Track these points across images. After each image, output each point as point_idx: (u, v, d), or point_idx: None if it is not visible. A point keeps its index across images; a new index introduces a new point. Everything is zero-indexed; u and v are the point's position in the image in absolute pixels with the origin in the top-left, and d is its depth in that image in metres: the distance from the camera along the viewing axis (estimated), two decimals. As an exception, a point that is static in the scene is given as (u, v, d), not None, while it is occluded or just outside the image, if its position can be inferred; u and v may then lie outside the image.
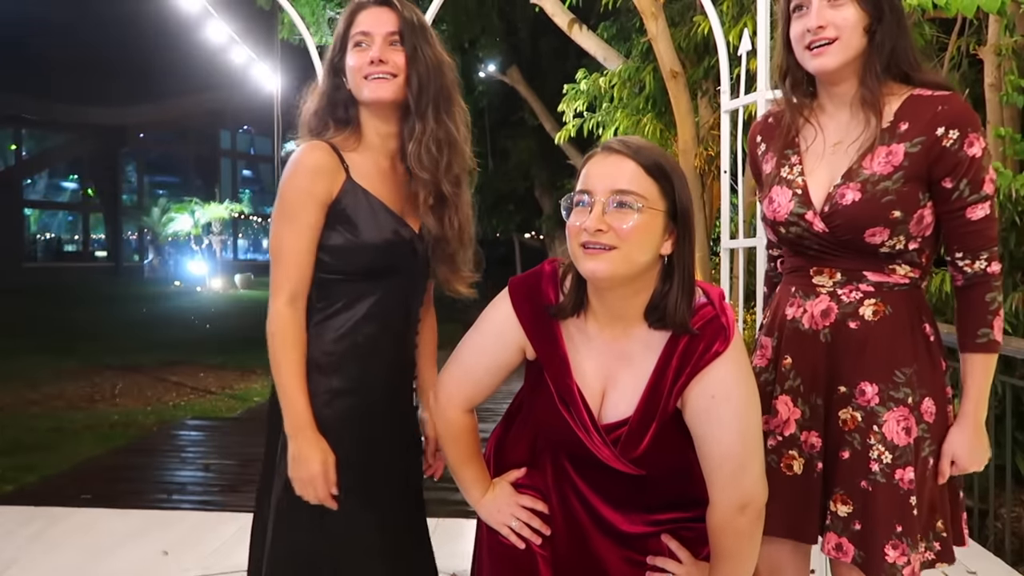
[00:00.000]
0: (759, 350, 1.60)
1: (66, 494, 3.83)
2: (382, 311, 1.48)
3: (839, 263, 1.47)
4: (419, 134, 1.47)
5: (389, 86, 1.45)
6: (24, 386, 7.73)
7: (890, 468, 1.41)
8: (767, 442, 1.51)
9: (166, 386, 7.93)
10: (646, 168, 1.18)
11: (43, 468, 4.57)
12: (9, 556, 3.01)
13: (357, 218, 1.44)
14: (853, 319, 1.45)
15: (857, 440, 1.44)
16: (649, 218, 1.17)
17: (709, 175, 5.69)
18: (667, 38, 5.21)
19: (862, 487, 1.42)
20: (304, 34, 3.02)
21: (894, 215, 1.40)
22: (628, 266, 1.18)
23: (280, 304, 1.42)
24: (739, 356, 1.22)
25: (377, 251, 1.45)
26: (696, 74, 5.92)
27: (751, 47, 2.58)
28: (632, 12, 6.08)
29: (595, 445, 1.25)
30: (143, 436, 5.55)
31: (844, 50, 1.42)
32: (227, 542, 3.14)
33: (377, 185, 1.48)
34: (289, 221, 1.42)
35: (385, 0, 1.49)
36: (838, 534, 1.44)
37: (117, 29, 28.48)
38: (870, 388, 1.44)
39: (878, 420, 1.42)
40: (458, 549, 3.25)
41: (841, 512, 1.44)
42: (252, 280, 24.30)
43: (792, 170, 1.51)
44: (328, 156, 1.44)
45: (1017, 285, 4.05)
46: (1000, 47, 3.84)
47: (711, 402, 1.20)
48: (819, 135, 1.50)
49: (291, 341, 1.42)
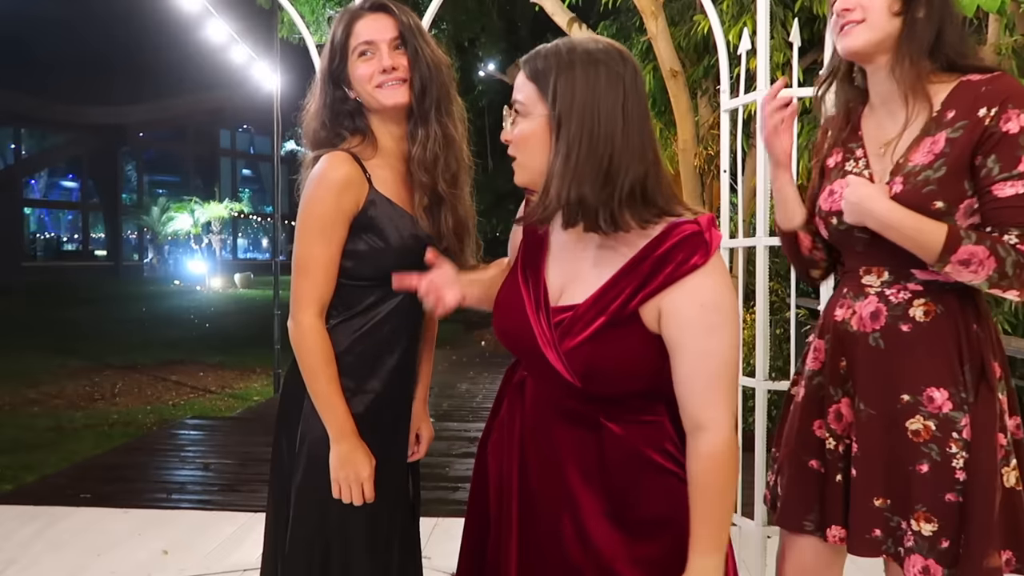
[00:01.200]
0: (812, 352, 1.55)
1: (66, 493, 3.84)
2: (399, 313, 1.52)
3: (887, 260, 1.41)
4: (423, 138, 1.50)
5: (404, 91, 1.49)
6: (24, 385, 7.73)
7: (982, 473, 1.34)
8: (827, 444, 1.48)
9: (166, 385, 7.94)
10: (527, 72, 1.17)
11: (43, 467, 4.58)
12: (9, 556, 3.01)
13: (382, 226, 1.47)
14: (904, 321, 1.39)
15: (935, 451, 1.35)
16: (528, 123, 1.16)
17: (709, 174, 5.68)
18: (667, 37, 5.21)
19: (948, 500, 1.34)
20: (304, 33, 3.02)
21: (936, 206, 1.34)
22: (526, 173, 1.20)
23: (310, 317, 1.46)
24: (723, 271, 1.15)
25: (399, 255, 1.47)
26: (696, 73, 5.92)
27: (751, 46, 2.58)
28: (632, 11, 6.08)
29: (540, 325, 1.19)
30: (143, 435, 5.56)
31: (870, 30, 1.38)
32: (226, 541, 3.14)
33: (395, 190, 1.51)
34: (321, 235, 1.45)
35: (382, 6, 1.51)
36: (924, 556, 1.35)
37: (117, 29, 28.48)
38: (939, 394, 1.36)
39: (956, 427, 1.35)
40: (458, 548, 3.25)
41: (926, 531, 1.35)
42: (252, 279, 24.30)
43: (858, 163, 1.48)
44: (354, 169, 1.45)
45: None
46: (1000, 47, 3.84)
47: (701, 311, 1.11)
48: (877, 129, 1.47)
49: (325, 353, 1.46)
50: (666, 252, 1.13)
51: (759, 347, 2.52)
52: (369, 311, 1.50)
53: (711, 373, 1.13)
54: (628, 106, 1.12)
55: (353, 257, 1.47)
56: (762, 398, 2.53)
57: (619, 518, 1.19)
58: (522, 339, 1.22)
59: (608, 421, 1.19)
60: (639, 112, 1.14)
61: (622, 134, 1.12)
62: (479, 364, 9.07)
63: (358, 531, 1.49)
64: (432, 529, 3.26)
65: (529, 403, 1.26)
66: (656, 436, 1.19)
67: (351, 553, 1.49)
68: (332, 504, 1.47)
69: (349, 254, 1.47)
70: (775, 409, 4.66)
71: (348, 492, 1.44)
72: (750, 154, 4.93)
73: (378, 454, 1.50)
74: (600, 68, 1.12)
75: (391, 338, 1.52)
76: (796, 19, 2.97)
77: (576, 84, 1.12)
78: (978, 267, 1.30)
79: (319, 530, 1.49)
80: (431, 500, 3.67)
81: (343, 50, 1.50)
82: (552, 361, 1.17)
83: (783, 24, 4.94)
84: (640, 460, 1.19)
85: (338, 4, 10.03)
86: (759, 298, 2.54)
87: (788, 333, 3.47)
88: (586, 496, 1.20)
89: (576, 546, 1.20)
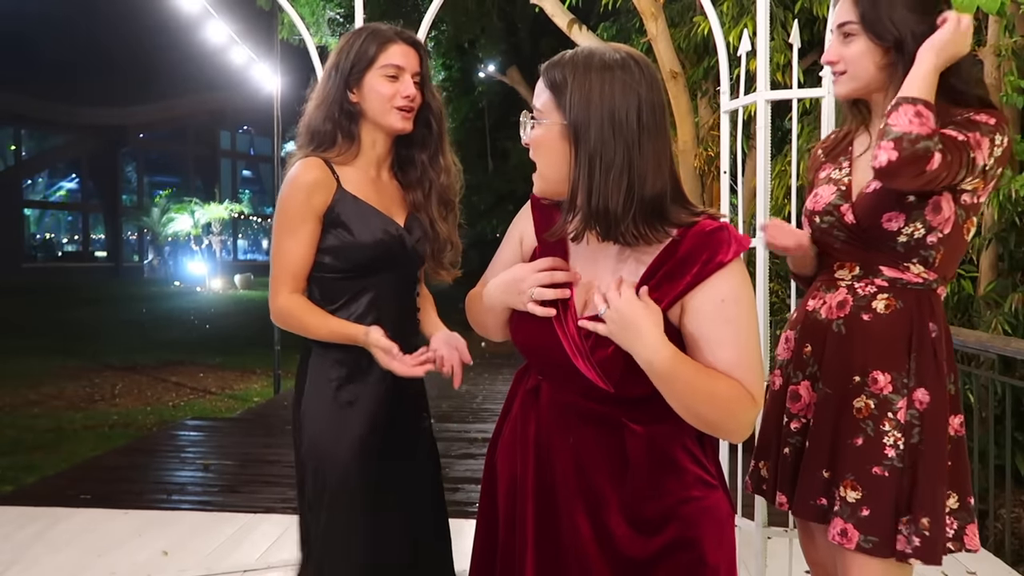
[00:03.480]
0: (784, 344, 1.72)
1: (66, 494, 3.83)
2: (379, 304, 1.66)
3: (859, 257, 1.57)
4: (446, 166, 1.75)
5: (411, 120, 1.67)
6: (24, 386, 7.73)
7: (906, 451, 1.48)
8: (791, 425, 1.64)
9: (166, 386, 7.94)
10: (545, 79, 1.17)
11: (43, 468, 4.58)
12: (9, 556, 3.01)
13: (351, 221, 1.62)
14: (866, 311, 1.54)
15: (871, 427, 1.51)
16: (544, 131, 1.16)
17: (709, 175, 5.69)
18: (667, 38, 5.22)
19: (874, 473, 1.48)
20: (304, 34, 3.02)
21: (908, 199, 1.48)
22: (543, 182, 1.20)
23: (284, 296, 1.63)
24: (743, 268, 1.17)
25: (371, 248, 1.63)
26: (696, 74, 5.93)
27: (751, 48, 2.58)
28: (632, 12, 6.08)
29: (568, 335, 1.18)
30: (143, 436, 5.56)
31: (852, 80, 1.57)
32: (226, 542, 3.14)
33: (366, 191, 1.66)
34: (291, 231, 1.62)
35: (416, 43, 1.69)
36: (844, 519, 1.50)
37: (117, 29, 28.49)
38: (883, 377, 1.52)
39: (892, 407, 1.50)
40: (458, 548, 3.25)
41: (850, 498, 1.50)
42: (252, 280, 24.31)
43: (841, 171, 1.64)
44: (322, 171, 1.63)
45: (1017, 285, 4.05)
46: (1000, 48, 3.84)
47: (722, 305, 1.13)
48: (870, 144, 1.61)
49: (305, 306, 1.63)
50: (689, 252, 1.14)
51: (760, 348, 2.52)
52: (351, 303, 1.64)
53: (727, 361, 1.14)
54: (643, 115, 1.12)
55: (329, 252, 1.63)
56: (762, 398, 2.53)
57: (639, 516, 1.20)
58: (550, 353, 1.22)
59: (629, 421, 1.20)
60: (655, 121, 1.13)
61: (638, 144, 1.11)
62: (479, 365, 9.07)
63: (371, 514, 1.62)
64: (432, 530, 3.25)
65: (545, 406, 1.27)
66: (676, 434, 1.21)
67: (379, 534, 1.62)
68: (346, 495, 1.60)
69: (325, 250, 1.63)
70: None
71: (397, 366, 1.54)
72: (750, 155, 4.94)
73: (378, 439, 1.62)
74: (615, 77, 1.12)
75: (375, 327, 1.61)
76: (796, 20, 2.97)
77: (591, 93, 1.11)
78: (917, 123, 1.39)
79: (342, 520, 1.61)
80: (431, 501, 3.67)
81: (369, 62, 1.64)
82: (585, 372, 1.18)
83: (783, 25, 4.95)
84: (663, 458, 1.21)
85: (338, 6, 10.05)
86: (759, 299, 2.54)
87: (788, 334, 3.46)
88: (608, 495, 1.21)
89: (594, 546, 1.21)
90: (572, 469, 1.23)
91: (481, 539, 1.37)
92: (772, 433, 1.69)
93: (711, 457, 1.26)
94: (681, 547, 1.19)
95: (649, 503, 1.21)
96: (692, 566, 1.18)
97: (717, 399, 1.12)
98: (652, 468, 1.21)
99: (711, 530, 1.21)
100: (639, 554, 1.20)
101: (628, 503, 1.21)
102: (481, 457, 1.47)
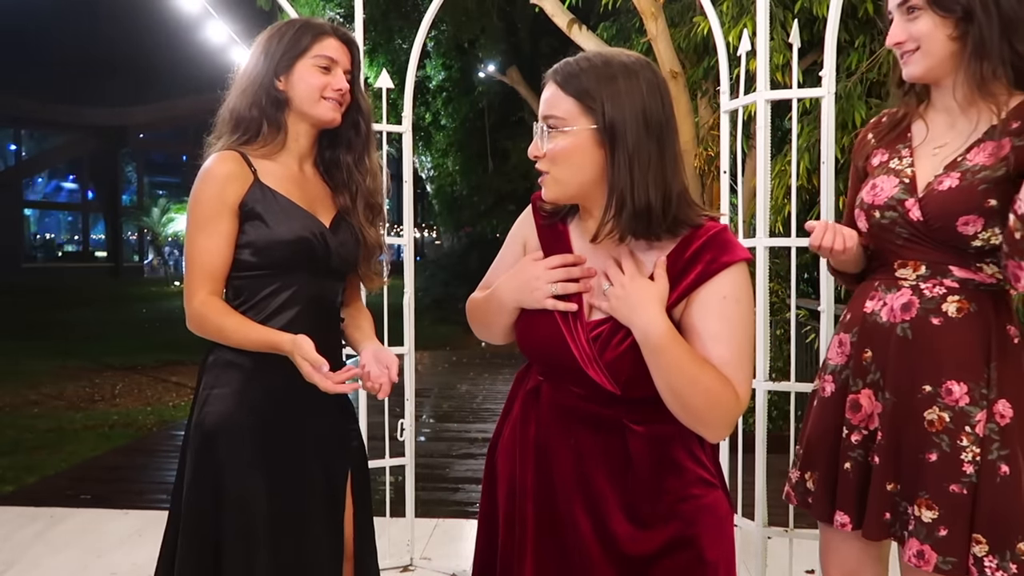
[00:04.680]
0: (838, 347, 1.59)
1: (66, 494, 3.84)
2: (296, 303, 1.56)
3: (926, 255, 1.45)
4: (372, 168, 1.69)
5: (339, 114, 1.62)
6: (24, 386, 7.73)
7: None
8: (851, 437, 1.51)
9: (166, 386, 7.93)
10: (563, 88, 1.18)
11: (43, 468, 4.57)
12: (9, 556, 3.01)
13: (267, 215, 1.54)
14: (936, 315, 1.42)
15: (946, 442, 1.39)
16: (571, 138, 1.17)
17: (709, 175, 5.68)
18: (667, 38, 5.21)
19: (952, 491, 1.38)
20: (304, 34, 3.02)
21: (990, 203, 1.37)
22: (560, 188, 1.20)
23: (197, 300, 1.52)
24: (747, 271, 1.21)
25: (289, 244, 1.55)
26: (696, 74, 5.92)
27: (750, 47, 2.58)
28: (632, 12, 6.08)
29: (576, 341, 1.20)
30: (143, 436, 5.55)
31: (926, 58, 1.43)
32: (227, 542, 3.14)
33: (287, 186, 1.59)
34: (202, 227, 1.53)
35: (351, 41, 1.66)
36: (920, 540, 1.39)
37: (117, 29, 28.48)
38: (958, 387, 1.40)
39: (970, 420, 1.38)
40: (458, 549, 3.26)
41: (926, 518, 1.39)
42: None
43: (902, 161, 1.51)
44: (236, 163, 1.55)
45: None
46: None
47: (723, 302, 1.17)
48: (929, 132, 1.51)
49: (222, 310, 1.51)
50: (695, 252, 1.18)
51: (759, 348, 2.52)
52: (264, 301, 1.55)
53: (720, 356, 1.16)
54: (667, 113, 1.18)
55: (246, 247, 1.54)
56: (762, 399, 2.53)
57: (639, 514, 1.21)
58: (558, 357, 1.23)
59: (631, 422, 1.22)
60: (673, 120, 1.20)
61: (669, 140, 1.17)
62: (479, 365, 9.06)
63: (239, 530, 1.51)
64: (432, 530, 3.26)
65: (545, 407, 1.28)
66: (677, 433, 1.22)
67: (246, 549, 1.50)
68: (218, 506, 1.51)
69: (243, 245, 1.54)
70: (775, 410, 4.66)
71: (319, 380, 1.41)
72: (750, 155, 4.93)
73: (282, 445, 1.53)
74: (640, 78, 1.17)
75: (291, 329, 1.51)
76: (796, 20, 2.97)
77: (623, 95, 1.16)
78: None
79: (208, 533, 1.51)
80: (431, 501, 3.67)
81: (302, 50, 1.59)
82: (593, 375, 1.19)
83: (783, 25, 4.94)
84: (664, 458, 1.22)
85: (338, 6, 10.05)
86: (759, 299, 2.54)
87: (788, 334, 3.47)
88: (608, 495, 1.22)
89: (595, 545, 1.22)
90: (572, 469, 1.24)
91: (482, 540, 1.37)
92: (823, 443, 1.57)
93: (711, 456, 1.27)
94: (681, 545, 1.21)
95: (650, 502, 1.22)
96: (692, 564, 1.20)
97: (701, 385, 1.13)
98: (653, 467, 1.22)
99: (710, 528, 1.23)
100: (639, 552, 1.21)
101: (629, 502, 1.22)
102: (481, 457, 1.47)
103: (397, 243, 2.94)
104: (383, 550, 1.96)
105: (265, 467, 1.52)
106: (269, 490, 1.51)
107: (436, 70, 13.54)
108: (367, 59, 9.75)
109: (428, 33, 2.89)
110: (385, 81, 2.78)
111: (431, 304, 14.49)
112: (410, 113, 2.87)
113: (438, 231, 25.33)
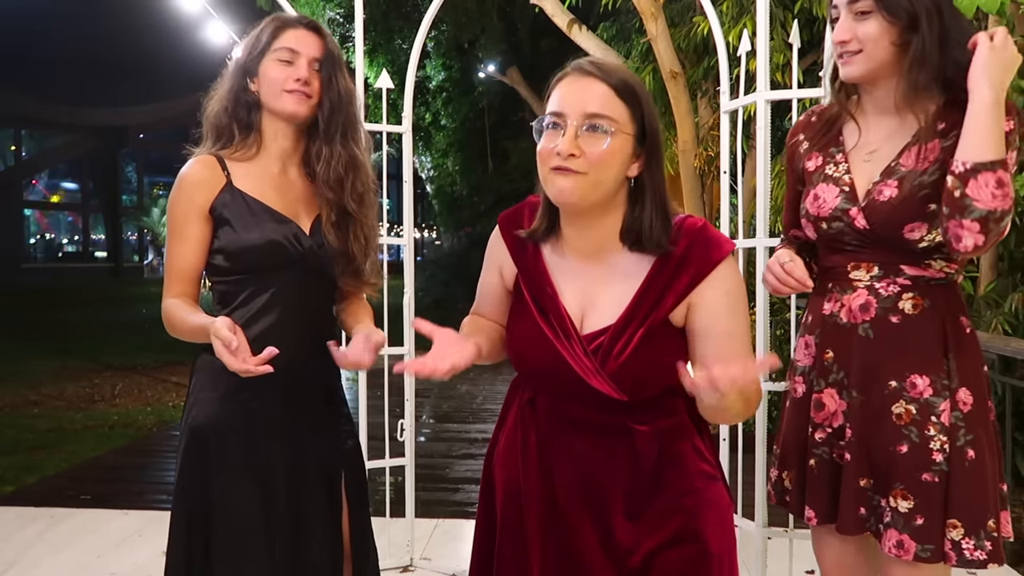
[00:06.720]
0: (804, 349, 1.63)
1: (66, 494, 3.84)
2: (275, 308, 1.54)
3: (877, 257, 1.50)
4: (327, 156, 1.59)
5: (306, 105, 1.57)
6: (24, 386, 7.72)
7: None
8: (815, 435, 1.56)
9: (166, 386, 7.93)
10: (617, 90, 1.17)
11: (43, 468, 4.57)
12: (9, 557, 3.01)
13: (235, 220, 1.53)
14: (894, 313, 1.48)
15: (915, 433, 1.45)
16: (620, 142, 1.17)
17: (709, 175, 5.68)
18: (667, 39, 5.21)
19: (924, 480, 1.43)
20: (304, 35, 3.02)
21: (931, 208, 1.42)
22: (596, 190, 1.17)
23: (164, 305, 1.54)
24: (734, 260, 1.23)
25: (258, 248, 1.53)
26: (696, 74, 5.92)
27: (750, 48, 2.58)
28: (632, 13, 6.08)
29: (575, 356, 1.19)
30: (143, 436, 5.55)
31: (868, 61, 1.47)
32: (227, 542, 3.14)
33: (263, 189, 1.57)
34: (174, 232, 1.55)
35: (315, 27, 1.61)
36: (899, 531, 1.44)
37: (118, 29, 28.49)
38: (921, 380, 1.46)
39: (935, 411, 1.45)
40: (458, 549, 3.25)
41: (902, 508, 1.45)
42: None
43: (838, 168, 1.55)
44: (209, 168, 1.55)
45: (1017, 285, 4.05)
46: (1000, 48, 3.83)
47: (727, 298, 1.19)
48: (862, 135, 1.54)
49: (179, 307, 1.52)
50: (684, 252, 1.19)
51: (759, 348, 2.52)
52: (243, 306, 1.54)
53: (736, 351, 1.18)
54: None
55: (218, 252, 1.54)
56: (762, 399, 2.53)
57: (644, 511, 1.23)
58: (558, 375, 1.23)
59: (634, 424, 1.23)
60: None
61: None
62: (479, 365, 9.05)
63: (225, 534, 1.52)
64: (432, 531, 3.26)
65: (543, 416, 1.28)
66: (680, 429, 1.24)
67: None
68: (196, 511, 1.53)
69: (215, 250, 1.55)
70: (775, 410, 4.66)
71: (229, 359, 1.35)
72: (750, 155, 4.93)
73: (271, 448, 1.52)
74: (645, 89, 1.22)
75: (270, 334, 1.50)
76: (796, 20, 2.97)
77: (652, 107, 1.21)
78: (1000, 196, 1.32)
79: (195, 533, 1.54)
80: (432, 501, 3.67)
81: (264, 48, 1.57)
82: (598, 387, 1.20)
83: (783, 25, 4.94)
84: (670, 454, 1.23)
85: (338, 6, 10.05)
86: (759, 299, 2.54)
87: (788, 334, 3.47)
88: (614, 497, 1.23)
89: (601, 548, 1.23)
90: (577, 476, 1.25)
91: (479, 542, 1.38)
92: (794, 442, 1.62)
93: (710, 449, 1.29)
94: (686, 538, 1.22)
95: (654, 497, 1.23)
96: (697, 557, 1.22)
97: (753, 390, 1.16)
98: (658, 463, 1.23)
99: (714, 521, 1.24)
100: (645, 547, 1.22)
101: (634, 500, 1.23)
102: (481, 457, 1.47)
103: (397, 243, 2.94)
104: (383, 550, 1.96)
105: (253, 469, 1.51)
106: (260, 492, 1.51)
107: (436, 70, 13.52)
108: (367, 59, 9.74)
109: (428, 33, 2.89)
110: (385, 81, 2.78)
111: (431, 304, 14.46)
112: (410, 113, 2.87)
113: (438, 231, 25.32)
